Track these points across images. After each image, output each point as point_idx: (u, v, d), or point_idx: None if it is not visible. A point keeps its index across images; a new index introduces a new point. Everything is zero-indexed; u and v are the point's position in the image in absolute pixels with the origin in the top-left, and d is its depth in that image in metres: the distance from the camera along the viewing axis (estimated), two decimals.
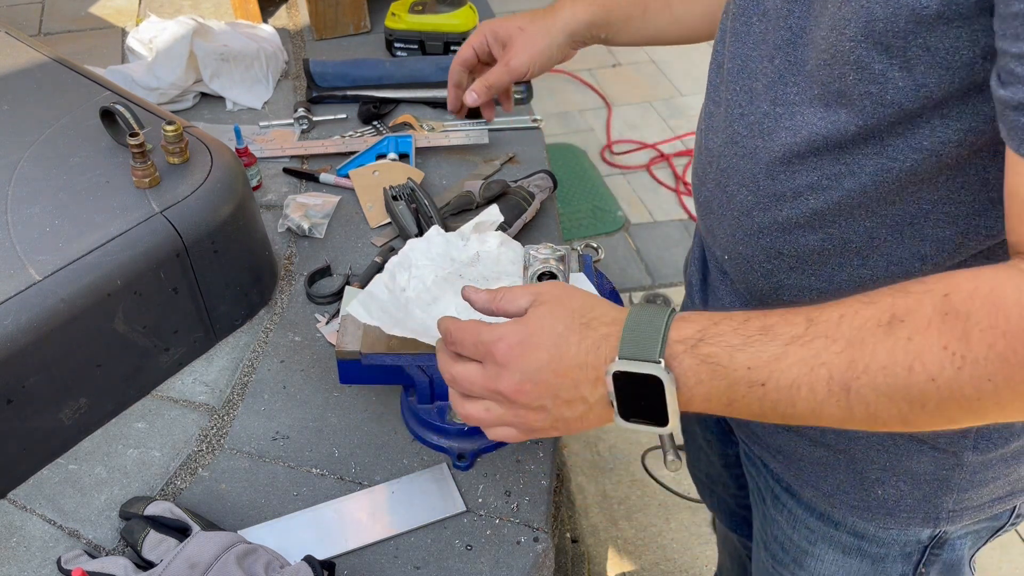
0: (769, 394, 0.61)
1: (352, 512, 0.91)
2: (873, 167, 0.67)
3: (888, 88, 0.62)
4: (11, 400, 0.89)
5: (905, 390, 0.57)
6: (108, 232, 0.95)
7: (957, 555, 0.90)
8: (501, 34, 1.11)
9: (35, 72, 1.22)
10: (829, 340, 0.59)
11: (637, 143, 3.33)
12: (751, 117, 0.75)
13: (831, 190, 0.71)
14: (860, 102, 0.64)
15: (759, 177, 0.75)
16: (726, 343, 0.61)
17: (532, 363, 0.65)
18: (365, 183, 1.33)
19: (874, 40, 0.60)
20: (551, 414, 0.67)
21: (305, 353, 1.09)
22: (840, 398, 0.59)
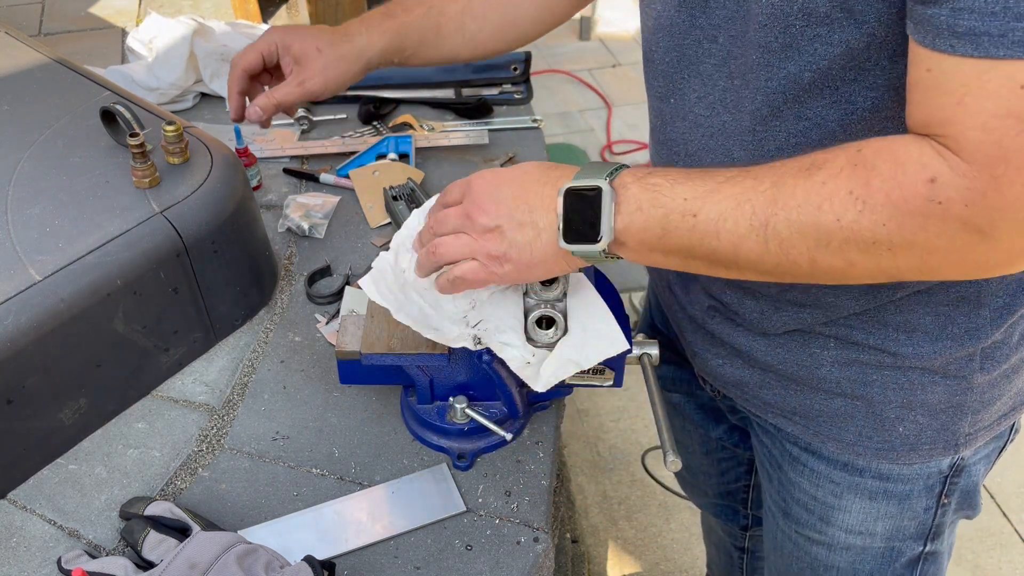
0: (699, 225, 0.69)
1: (352, 512, 0.91)
2: (836, 114, 0.72)
3: (835, 29, 0.67)
4: (11, 400, 0.89)
5: (814, 227, 0.64)
6: (108, 232, 0.95)
7: (973, 480, 0.95)
8: (295, 50, 1.06)
9: (35, 72, 1.22)
10: (757, 180, 0.67)
11: (637, 143, 3.33)
12: (710, 97, 0.79)
13: (801, 147, 0.74)
14: (809, 46, 0.69)
15: (733, 150, 0.79)
16: (671, 176, 0.71)
17: (499, 189, 0.76)
18: (365, 183, 1.33)
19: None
20: (506, 237, 0.75)
21: (305, 353, 1.09)
22: (759, 232, 0.67)
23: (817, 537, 1.00)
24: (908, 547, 0.97)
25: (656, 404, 0.90)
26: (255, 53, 1.07)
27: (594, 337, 0.88)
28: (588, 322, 0.88)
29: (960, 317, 0.81)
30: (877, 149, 0.63)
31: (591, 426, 2.32)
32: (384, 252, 0.91)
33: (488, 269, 0.77)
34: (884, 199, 0.62)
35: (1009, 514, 2.13)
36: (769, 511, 1.08)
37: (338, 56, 1.06)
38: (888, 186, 0.61)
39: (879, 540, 0.97)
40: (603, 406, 2.36)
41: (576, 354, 0.87)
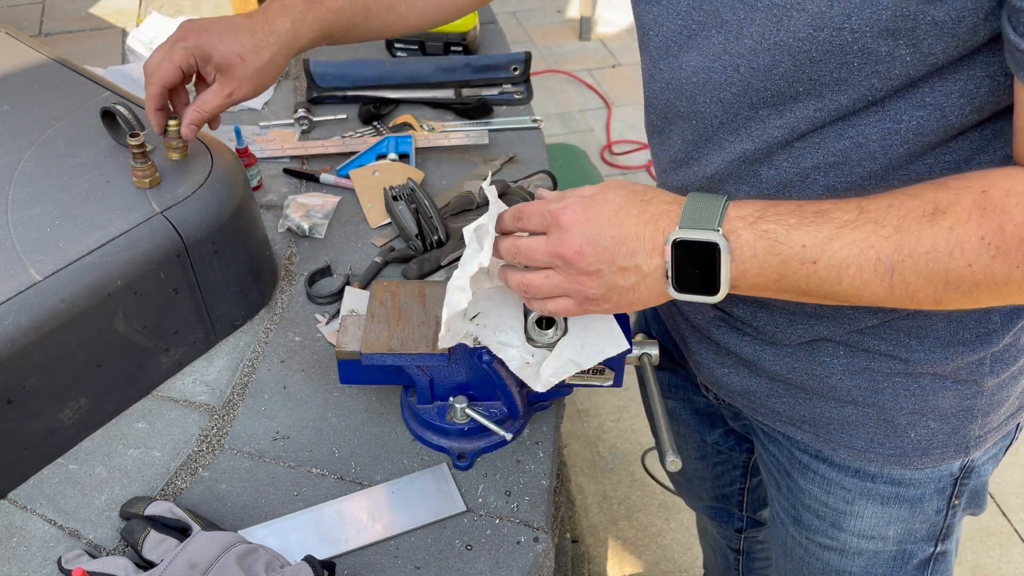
0: (819, 271, 0.67)
1: (352, 512, 0.91)
2: (878, 133, 0.69)
3: (896, 65, 0.64)
4: (11, 400, 0.89)
5: (944, 273, 0.63)
6: (108, 232, 0.95)
7: (981, 480, 0.95)
8: (216, 59, 0.97)
9: (35, 72, 1.22)
10: (878, 225, 0.65)
11: (637, 143, 3.33)
12: (736, 121, 0.75)
13: (840, 166, 0.72)
14: (867, 82, 0.66)
15: (762, 170, 0.76)
16: (784, 221, 0.67)
17: (594, 227, 0.71)
18: (365, 183, 1.33)
19: (879, 28, 0.62)
20: (606, 281, 0.72)
21: (305, 353, 1.09)
22: (884, 278, 0.65)
23: (829, 543, 0.99)
24: (920, 549, 0.97)
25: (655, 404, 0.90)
26: (172, 67, 0.96)
27: (594, 337, 0.88)
28: (588, 322, 0.88)
29: (971, 323, 0.81)
30: (1006, 192, 0.62)
31: (591, 426, 2.32)
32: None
33: (584, 307, 0.75)
34: (1019, 243, 0.61)
35: (1009, 514, 2.13)
36: (778, 518, 1.07)
37: (265, 62, 0.99)
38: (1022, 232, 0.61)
39: (891, 544, 0.96)
40: (603, 406, 2.36)
41: (576, 354, 0.87)
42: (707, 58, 0.74)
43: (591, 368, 0.89)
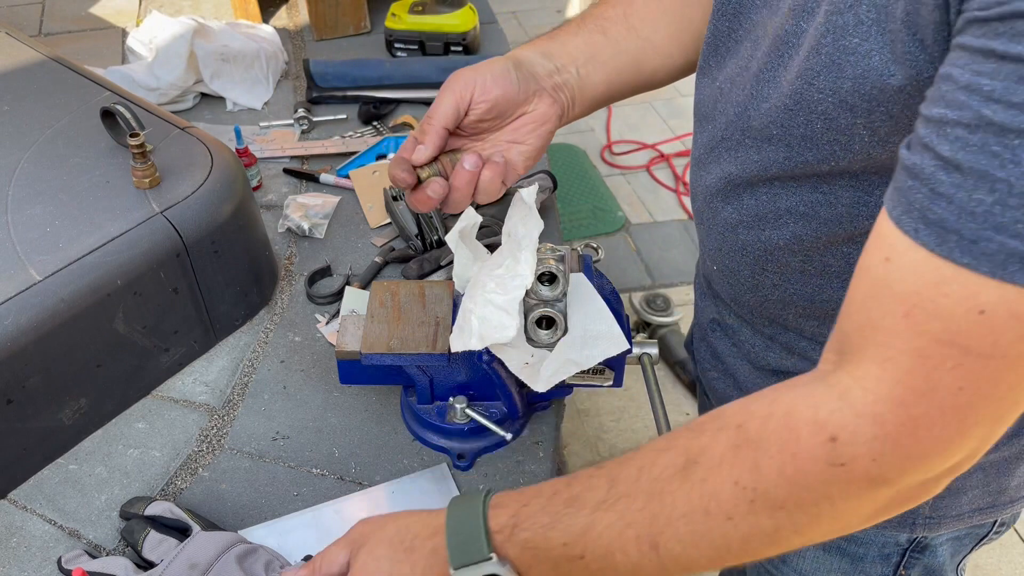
0: (590, 564, 0.60)
1: (352, 512, 0.91)
2: (849, 198, 0.66)
3: (855, 139, 0.61)
4: (11, 400, 0.89)
5: (707, 535, 0.56)
6: (108, 232, 0.95)
7: (939, 561, 0.89)
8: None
9: (35, 72, 1.22)
10: (630, 499, 0.58)
11: (637, 143, 3.33)
12: (729, 141, 0.75)
13: (810, 217, 0.70)
14: (828, 148, 0.64)
15: (743, 195, 0.75)
16: (538, 524, 0.61)
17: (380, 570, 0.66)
18: (365, 183, 1.33)
19: (840, 98, 0.60)
20: None
21: (305, 353, 1.09)
22: (651, 556, 0.58)
23: (774, 572, 0.96)
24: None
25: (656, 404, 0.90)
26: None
27: (594, 337, 0.88)
28: (588, 322, 0.88)
29: None
30: (763, 420, 0.55)
31: (591, 426, 2.32)
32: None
33: None
34: (777, 478, 0.53)
35: None
36: None
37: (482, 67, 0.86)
38: (779, 462, 0.53)
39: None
40: (603, 406, 2.36)
41: (576, 354, 0.87)
42: (734, 70, 0.74)
43: (591, 368, 0.89)
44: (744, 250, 0.78)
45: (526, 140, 0.83)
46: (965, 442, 0.52)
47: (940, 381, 0.49)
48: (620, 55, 0.89)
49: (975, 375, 0.49)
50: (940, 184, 0.47)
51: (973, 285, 0.47)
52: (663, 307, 2.45)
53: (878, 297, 0.52)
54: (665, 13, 0.90)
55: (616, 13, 0.90)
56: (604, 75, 0.88)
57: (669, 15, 0.90)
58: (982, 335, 0.48)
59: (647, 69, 0.91)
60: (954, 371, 0.49)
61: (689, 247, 2.86)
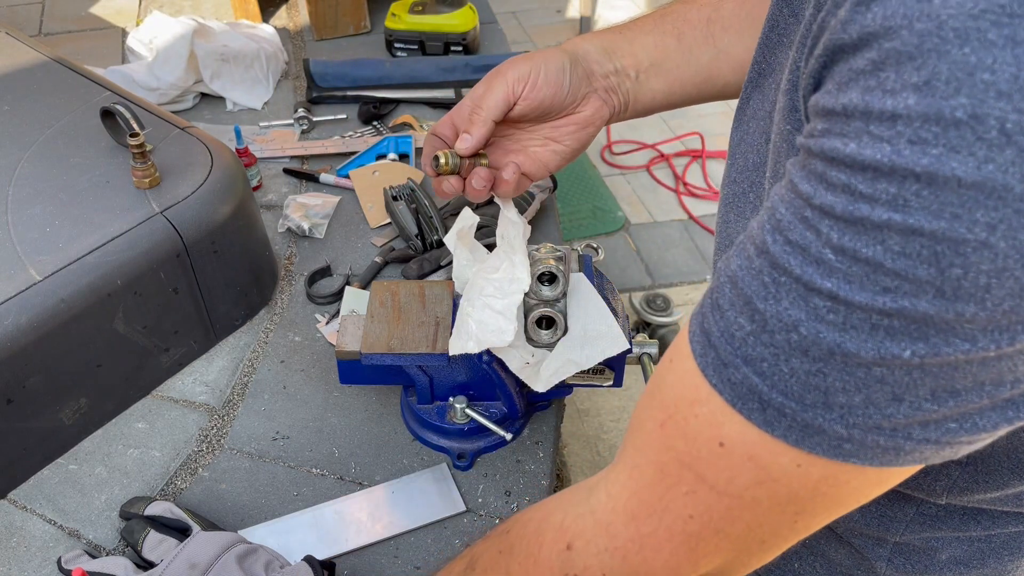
0: None
1: (352, 512, 0.91)
2: None
3: None
4: (11, 400, 0.89)
5: None
6: (108, 232, 0.95)
7: None
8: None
9: (35, 72, 1.22)
10: None
11: (637, 143, 3.33)
12: (738, 187, 0.70)
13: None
14: None
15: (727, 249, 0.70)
16: None
17: None
18: (365, 183, 1.33)
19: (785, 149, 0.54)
20: None
21: (305, 353, 1.09)
22: None
23: None
24: None
25: None
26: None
27: (594, 337, 0.88)
28: (588, 322, 0.88)
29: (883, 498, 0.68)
30: (525, 523, 0.54)
31: (591, 426, 2.32)
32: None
33: None
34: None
35: None
36: None
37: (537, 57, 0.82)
38: (524, 569, 0.52)
39: None
40: (603, 406, 2.36)
41: (576, 354, 0.87)
42: (756, 107, 0.68)
43: (591, 368, 0.89)
44: None
45: (564, 140, 0.81)
46: (696, 570, 0.49)
47: (672, 503, 0.47)
48: (690, 65, 0.83)
49: (707, 507, 0.46)
50: (722, 295, 0.45)
51: (720, 413, 0.44)
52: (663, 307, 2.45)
53: (650, 398, 0.50)
54: (753, 24, 0.82)
55: (700, 16, 0.84)
56: (666, 83, 0.83)
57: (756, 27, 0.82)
58: (719, 468, 0.45)
59: (718, 82, 0.85)
60: (687, 497, 0.46)
61: (689, 247, 2.86)
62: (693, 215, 2.98)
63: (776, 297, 0.41)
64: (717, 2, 0.84)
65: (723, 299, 0.44)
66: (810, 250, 0.39)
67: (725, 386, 0.44)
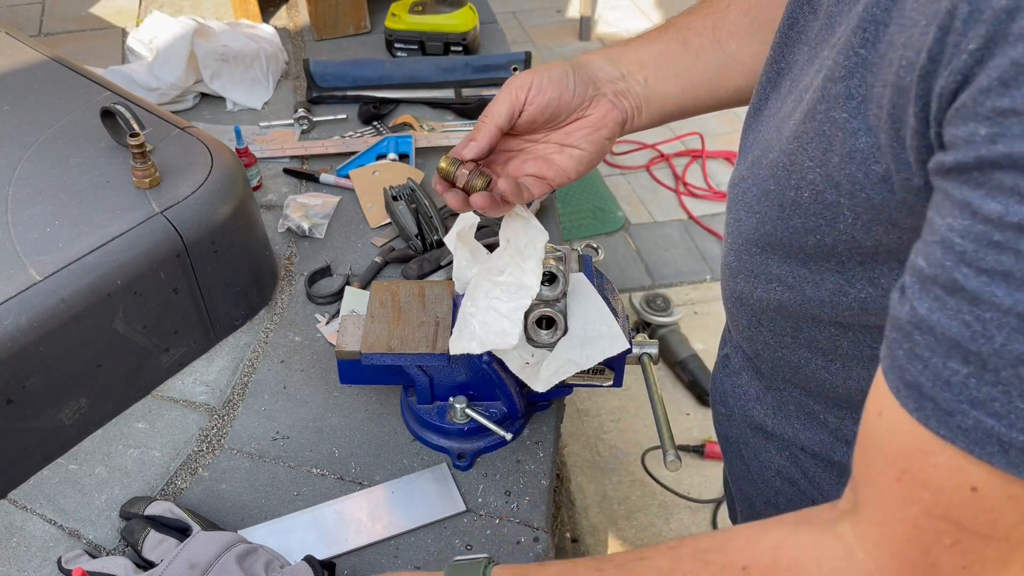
0: None
1: (352, 512, 0.91)
2: (832, 284, 0.62)
3: (839, 220, 0.56)
4: (11, 400, 0.89)
5: None
6: (108, 232, 0.95)
7: None
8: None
9: (35, 72, 1.22)
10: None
11: (637, 143, 3.33)
12: (744, 184, 0.71)
13: (795, 290, 0.66)
14: (815, 219, 0.59)
15: (742, 248, 0.71)
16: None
17: None
18: (365, 183, 1.33)
19: (827, 172, 0.55)
20: None
21: (305, 353, 1.09)
22: None
23: None
24: None
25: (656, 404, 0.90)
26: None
27: (594, 337, 0.88)
28: (588, 322, 0.88)
29: None
30: (768, 567, 0.53)
31: (591, 426, 2.32)
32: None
33: None
34: None
35: None
36: None
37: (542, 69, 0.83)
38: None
39: None
40: (603, 406, 2.36)
41: (576, 354, 0.87)
42: (774, 104, 0.69)
43: (591, 368, 0.89)
44: (742, 300, 0.74)
45: (579, 144, 0.81)
46: None
47: (940, 558, 0.45)
48: (698, 68, 0.84)
49: (978, 554, 0.45)
50: (916, 344, 0.43)
51: (959, 459, 0.42)
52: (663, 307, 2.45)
53: (873, 452, 0.49)
54: (759, 30, 0.83)
55: (705, 24, 0.84)
56: (678, 86, 0.83)
57: (762, 32, 0.82)
58: (977, 514, 0.44)
59: (729, 86, 0.85)
60: (953, 548, 0.45)
61: (689, 247, 2.86)
62: (693, 215, 2.97)
63: (987, 335, 0.39)
64: (722, 9, 0.84)
65: (919, 348, 0.43)
66: (1014, 275, 0.37)
67: (957, 435, 0.42)
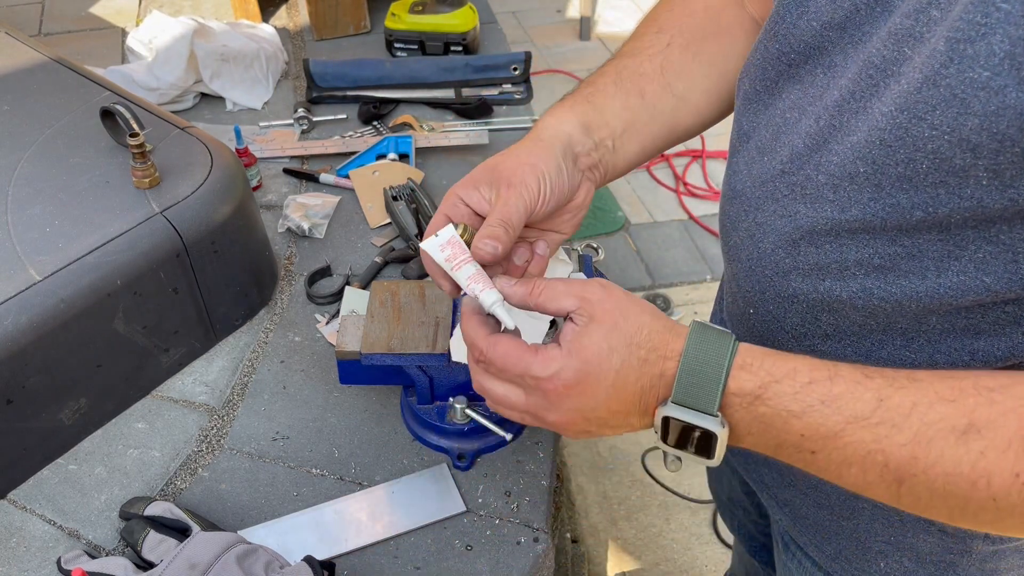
0: (818, 461, 0.60)
1: (352, 512, 0.91)
2: (937, 252, 0.60)
3: (969, 182, 0.55)
4: (11, 400, 0.89)
5: (962, 500, 0.55)
6: (108, 232, 0.95)
7: None
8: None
9: (35, 72, 1.22)
10: (895, 429, 0.56)
11: None
12: (793, 177, 0.67)
13: (884, 273, 0.63)
14: (932, 190, 0.57)
15: (800, 243, 0.68)
16: (784, 407, 0.59)
17: (588, 402, 0.63)
18: (365, 183, 1.33)
19: (961, 136, 0.53)
20: (590, 432, 0.66)
21: (305, 353, 1.09)
22: (891, 486, 0.58)
23: None
24: None
25: None
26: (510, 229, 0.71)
27: None
28: None
29: None
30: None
31: None
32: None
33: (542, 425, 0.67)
34: None
35: None
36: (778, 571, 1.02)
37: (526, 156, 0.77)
38: None
39: None
40: None
41: None
42: (799, 96, 0.68)
43: None
44: (795, 298, 0.71)
45: (561, 229, 0.80)
46: None
47: None
48: (655, 120, 0.83)
49: None
50: None
51: None
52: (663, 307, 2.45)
53: None
54: (702, 66, 0.83)
55: (653, 68, 0.83)
56: (639, 144, 0.83)
57: (706, 69, 0.84)
58: None
59: (680, 129, 0.85)
60: None
61: (689, 247, 2.86)
62: (693, 215, 2.98)
63: None
64: (664, 49, 0.84)
65: None
66: None
67: None
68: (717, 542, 2.06)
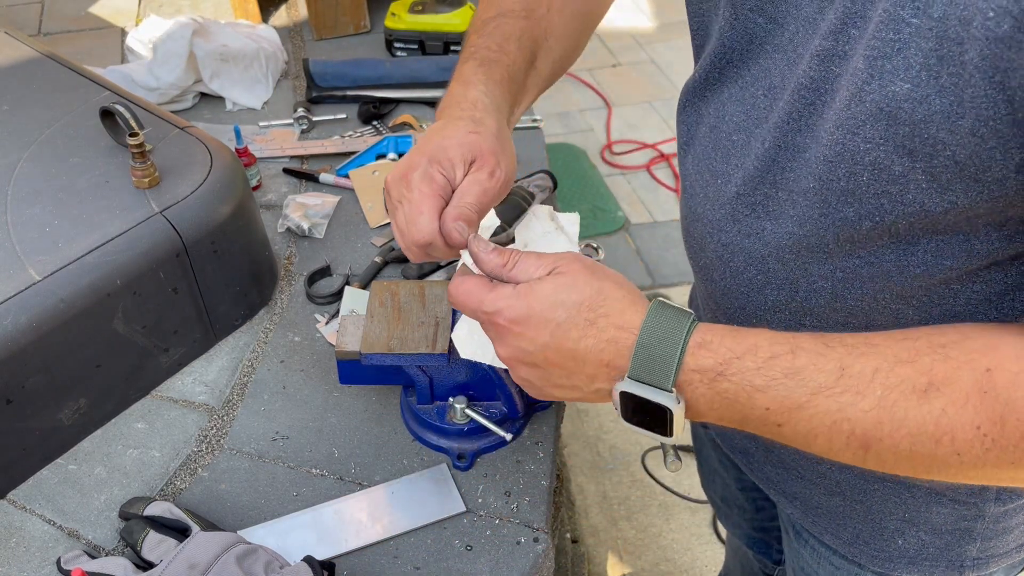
0: (784, 432, 0.60)
1: (352, 512, 0.91)
2: (893, 259, 0.63)
3: (909, 187, 0.56)
4: (11, 400, 0.89)
5: (928, 458, 0.56)
6: (108, 232, 0.95)
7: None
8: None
9: (35, 72, 1.22)
10: (858, 396, 0.57)
11: (637, 143, 3.33)
12: (751, 198, 0.69)
13: (849, 281, 0.66)
14: (875, 200, 0.59)
15: (768, 259, 0.70)
16: (747, 382, 0.59)
17: (526, 345, 0.64)
18: (365, 183, 1.33)
19: (896, 143, 0.55)
20: (536, 386, 0.67)
21: (305, 353, 1.09)
22: (857, 452, 0.58)
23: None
24: None
25: None
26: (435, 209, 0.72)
27: None
28: None
29: None
30: (1013, 377, 0.54)
31: (591, 426, 2.32)
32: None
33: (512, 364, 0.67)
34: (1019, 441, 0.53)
35: None
36: (787, 563, 1.04)
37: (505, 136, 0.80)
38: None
39: None
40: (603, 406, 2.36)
41: None
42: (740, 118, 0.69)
43: None
44: (775, 308, 0.72)
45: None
46: None
47: None
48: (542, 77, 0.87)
49: None
50: None
51: None
52: None
53: None
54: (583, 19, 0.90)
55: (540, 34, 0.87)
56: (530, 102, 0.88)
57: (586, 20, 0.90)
58: None
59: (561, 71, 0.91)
60: None
61: None
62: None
63: None
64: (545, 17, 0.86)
65: None
66: None
67: None
68: (717, 542, 2.06)
